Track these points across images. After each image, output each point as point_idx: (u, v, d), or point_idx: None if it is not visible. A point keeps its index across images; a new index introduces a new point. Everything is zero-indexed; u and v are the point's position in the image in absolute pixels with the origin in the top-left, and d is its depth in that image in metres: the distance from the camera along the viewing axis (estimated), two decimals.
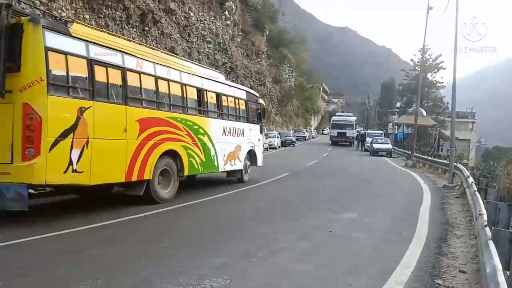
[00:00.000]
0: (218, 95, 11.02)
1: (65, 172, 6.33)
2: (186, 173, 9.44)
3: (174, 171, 8.92)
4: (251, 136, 13.01)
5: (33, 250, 5.15)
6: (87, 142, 6.62)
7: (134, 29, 17.90)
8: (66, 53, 6.40)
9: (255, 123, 13.39)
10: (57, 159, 6.20)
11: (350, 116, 49.21)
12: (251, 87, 27.19)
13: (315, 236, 6.32)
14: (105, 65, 7.14)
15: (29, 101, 5.89)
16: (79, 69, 6.67)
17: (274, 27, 51.91)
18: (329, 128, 51.48)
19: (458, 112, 37.53)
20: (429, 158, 22.11)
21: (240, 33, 36.19)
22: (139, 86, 7.94)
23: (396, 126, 43.92)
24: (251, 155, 13.09)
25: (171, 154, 8.83)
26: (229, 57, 31.31)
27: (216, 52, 28.76)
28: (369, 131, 50.86)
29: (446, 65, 46.26)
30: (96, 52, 6.97)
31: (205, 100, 10.33)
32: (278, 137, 33.72)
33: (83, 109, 6.56)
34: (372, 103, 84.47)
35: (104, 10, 15.60)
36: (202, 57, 26.00)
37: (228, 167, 11.56)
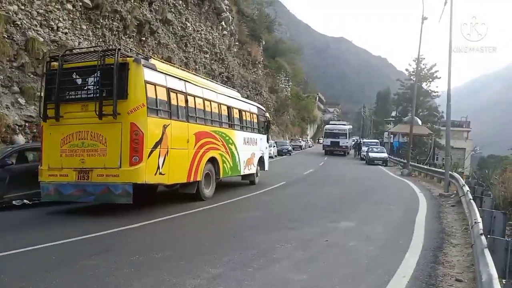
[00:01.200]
0: (240, 111, 13.19)
1: (155, 174, 8.24)
2: (221, 176, 11.37)
3: (213, 174, 10.87)
4: (261, 144, 15.26)
5: (26, 261, 5.10)
6: (167, 151, 8.57)
7: (131, 39, 17.98)
8: (155, 84, 8.36)
9: (263, 134, 15.64)
10: (151, 164, 8.10)
11: (344, 124, 47.06)
12: (247, 97, 27.30)
13: (312, 246, 6.29)
14: (175, 91, 9.15)
15: (135, 121, 7.77)
16: (162, 96, 8.62)
17: (270, 37, 52.36)
18: (322, 137, 49.37)
19: (453, 121, 37.80)
20: (425, 167, 22.17)
21: (237, 43, 36.44)
22: (194, 106, 9.94)
23: (392, 135, 44.08)
24: (261, 161, 15.19)
25: (212, 160, 10.75)
26: (225, 67, 31.47)
27: (212, 62, 28.90)
28: (365, 140, 51.01)
29: (441, 74, 46.78)
30: (170, 82, 8.99)
31: (232, 115, 12.46)
32: (274, 146, 33.76)
33: (165, 126, 8.54)
34: (367, 112, 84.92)
35: (101, 21, 15.67)
36: (199, 67, 26.11)
37: (246, 171, 13.51)
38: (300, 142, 50.71)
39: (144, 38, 19.03)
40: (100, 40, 15.80)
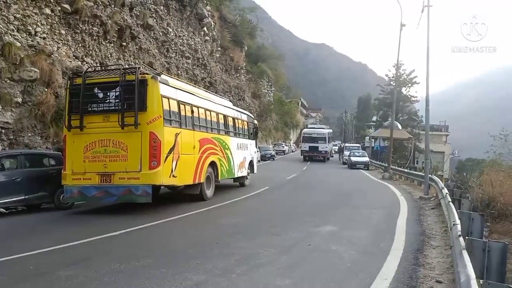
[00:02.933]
0: (233, 119, 14.44)
1: (169, 176, 9.28)
2: (219, 178, 12.53)
3: (213, 177, 11.98)
4: (251, 149, 16.61)
5: (1, 272, 4.94)
6: (178, 157, 9.61)
7: (112, 44, 17.75)
8: (168, 98, 9.38)
9: (252, 139, 16.97)
10: (167, 168, 9.12)
11: (323, 128, 43.97)
12: (230, 102, 27.22)
13: (295, 250, 6.30)
14: (184, 103, 10.24)
15: (153, 130, 8.81)
16: (174, 107, 9.67)
17: (252, 43, 52.52)
18: (295, 142, 46.38)
19: (432, 126, 38.62)
20: (405, 170, 22.54)
21: (219, 48, 36.41)
22: (198, 115, 11.09)
23: (373, 140, 44.70)
24: (251, 164, 16.45)
25: (212, 164, 11.85)
26: (208, 72, 31.39)
27: (195, 67, 28.79)
28: (347, 144, 51.55)
29: (420, 79, 47.76)
30: (180, 95, 10.10)
31: (228, 123, 13.68)
32: (257, 152, 33.67)
33: (177, 134, 9.61)
34: (349, 117, 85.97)
35: (81, 26, 15.42)
36: (181, 72, 25.96)
37: (239, 174, 14.67)
38: (283, 147, 50.83)
39: (124, 43, 18.81)
40: (80, 45, 15.55)
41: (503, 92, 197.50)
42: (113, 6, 17.84)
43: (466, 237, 4.84)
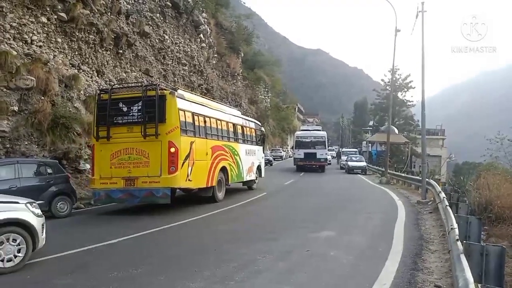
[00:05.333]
0: (242, 127, 15.52)
1: (186, 180, 10.38)
2: (229, 182, 13.49)
3: (223, 181, 12.96)
4: (259, 155, 17.55)
5: (1, 280, 4.90)
6: (193, 163, 10.66)
7: (108, 52, 17.77)
8: (184, 110, 10.48)
9: (260, 145, 17.95)
10: (183, 172, 10.20)
11: (319, 130, 34.53)
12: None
13: (293, 256, 6.29)
14: (198, 114, 11.32)
15: (172, 139, 9.87)
16: (189, 119, 10.74)
17: (249, 50, 52.69)
18: (293, 147, 36.40)
19: (428, 129, 38.77)
20: (402, 174, 22.58)
21: (216, 55, 36.50)
22: (210, 125, 12.14)
23: (370, 144, 44.78)
24: (259, 169, 17.40)
25: (223, 169, 12.89)
26: (204, 78, 31.45)
27: (191, 74, 28.83)
28: (344, 149, 51.61)
29: (415, 84, 48.05)
30: (194, 107, 11.21)
31: (237, 131, 14.76)
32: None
33: (192, 142, 10.69)
34: (346, 122, 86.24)
35: (77, 34, 15.44)
36: (178, 79, 26.00)
37: (248, 178, 15.64)
38: (281, 152, 50.87)
39: (121, 51, 18.83)
40: (76, 53, 15.56)
41: (496, 94, 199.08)
42: (109, 14, 17.89)
43: (464, 241, 4.85)
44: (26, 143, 11.90)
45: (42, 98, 12.70)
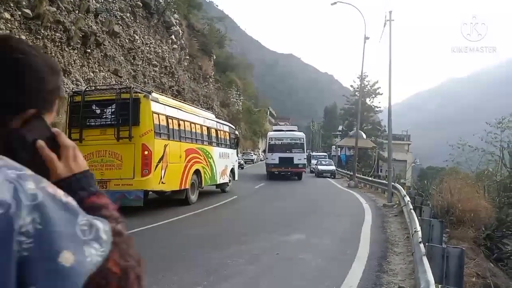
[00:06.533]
0: (216, 130, 15.71)
1: (159, 183, 10.42)
2: (203, 185, 13.56)
3: (196, 183, 13.04)
4: (232, 158, 17.78)
5: None
6: (167, 165, 10.66)
7: (75, 51, 17.25)
8: (158, 113, 10.49)
9: (234, 149, 18.11)
10: (156, 175, 10.19)
11: (295, 130, 29.17)
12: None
13: (263, 260, 6.31)
14: (172, 117, 11.30)
15: (145, 142, 9.87)
16: (163, 122, 10.76)
17: (221, 53, 52.64)
18: (265, 151, 30.90)
19: (394, 135, 39.99)
20: (370, 178, 23.15)
21: (187, 57, 36.21)
22: (184, 128, 12.19)
23: (339, 148, 45.68)
24: (232, 172, 17.68)
25: (196, 172, 12.94)
26: (176, 80, 31.10)
27: (162, 75, 28.45)
28: (314, 153, 52.37)
29: (382, 90, 49.50)
30: (168, 110, 11.22)
31: (211, 134, 14.85)
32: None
33: (166, 145, 10.68)
34: (316, 127, 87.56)
35: (43, 31, 14.90)
36: (148, 80, 25.58)
37: (221, 181, 15.78)
38: (252, 155, 51.01)
39: (89, 50, 18.32)
40: (42, 51, 15.00)
41: (458, 103, 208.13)
42: (77, 12, 17.39)
43: (427, 243, 5.03)
44: None
45: None
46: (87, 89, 11.81)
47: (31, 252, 0.60)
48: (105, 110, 10.22)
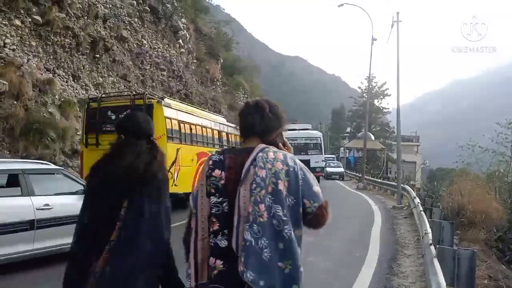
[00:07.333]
0: (227, 134, 16.06)
1: (172, 185, 10.26)
2: None
3: None
4: None
5: None
6: (179, 168, 11.10)
7: (85, 56, 17.45)
8: (171, 118, 10.87)
9: None
10: (170, 178, 10.13)
11: (309, 128, 27.89)
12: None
13: None
14: (184, 122, 11.74)
15: None
16: (175, 126, 11.16)
17: (228, 56, 52.73)
18: None
19: (403, 136, 39.72)
20: (379, 180, 23.04)
21: (195, 60, 36.37)
22: (195, 132, 12.53)
23: (347, 150, 45.49)
24: None
25: None
26: (183, 84, 31.24)
27: (170, 79, 28.61)
28: None
29: (390, 91, 49.24)
30: (180, 115, 11.62)
31: (221, 137, 15.21)
32: None
33: (178, 149, 11.08)
34: (324, 129, 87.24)
35: (52, 37, 15.11)
36: (156, 84, 25.75)
37: None
38: None
39: (98, 55, 18.52)
40: (51, 57, 15.22)
41: (459, 104, 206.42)
42: (86, 18, 17.61)
43: (437, 246, 4.99)
44: None
45: (15, 102, 12.35)
46: (102, 96, 12.22)
47: (303, 184, 1.79)
48: (120, 116, 10.44)
